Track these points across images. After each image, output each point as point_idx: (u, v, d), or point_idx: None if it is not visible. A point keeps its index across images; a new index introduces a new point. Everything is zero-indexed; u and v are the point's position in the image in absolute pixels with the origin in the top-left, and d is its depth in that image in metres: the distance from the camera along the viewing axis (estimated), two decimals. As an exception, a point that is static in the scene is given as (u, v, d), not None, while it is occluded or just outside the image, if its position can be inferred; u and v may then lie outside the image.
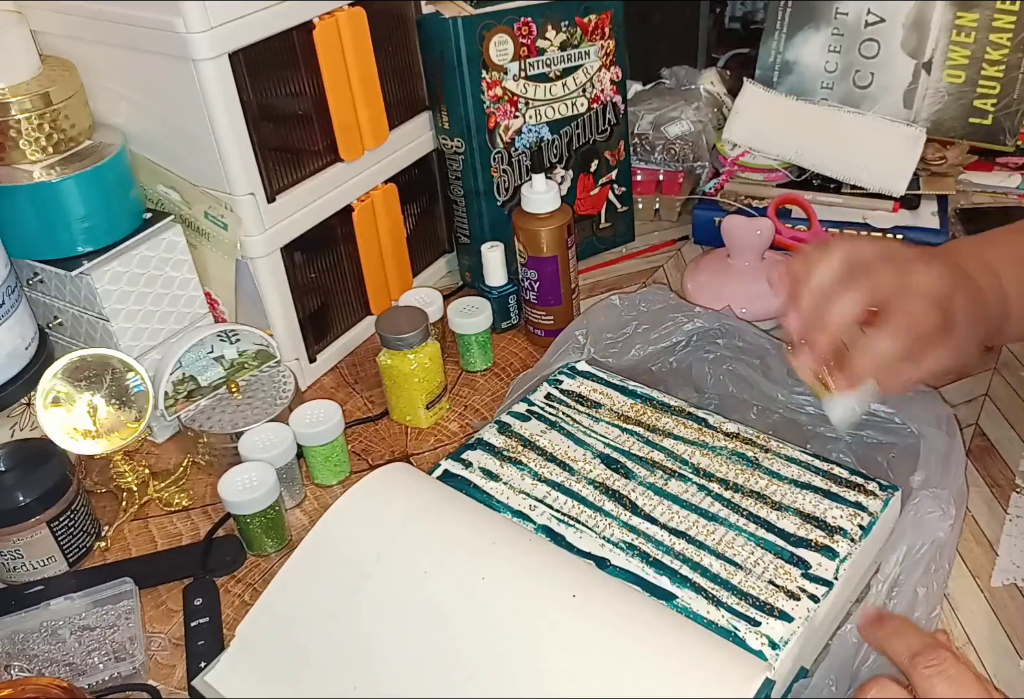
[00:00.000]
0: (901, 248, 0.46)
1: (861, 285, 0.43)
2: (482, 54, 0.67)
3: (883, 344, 0.42)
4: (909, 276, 0.43)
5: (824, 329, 0.43)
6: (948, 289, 0.43)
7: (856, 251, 0.44)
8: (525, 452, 0.53)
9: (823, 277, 0.44)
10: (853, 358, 0.43)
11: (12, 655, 0.48)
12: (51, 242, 0.56)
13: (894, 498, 0.49)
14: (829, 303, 0.43)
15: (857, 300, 0.42)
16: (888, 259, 0.44)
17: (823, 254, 0.45)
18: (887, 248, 0.45)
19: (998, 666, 0.45)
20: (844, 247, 0.45)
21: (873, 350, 0.43)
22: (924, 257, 0.45)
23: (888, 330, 0.42)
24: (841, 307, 0.42)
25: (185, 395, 0.61)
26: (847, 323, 0.43)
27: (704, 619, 0.42)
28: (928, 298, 0.43)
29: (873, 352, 0.43)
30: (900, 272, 0.43)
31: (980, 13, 0.76)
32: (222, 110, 0.55)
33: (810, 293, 0.44)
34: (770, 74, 0.83)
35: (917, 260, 0.44)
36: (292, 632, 0.44)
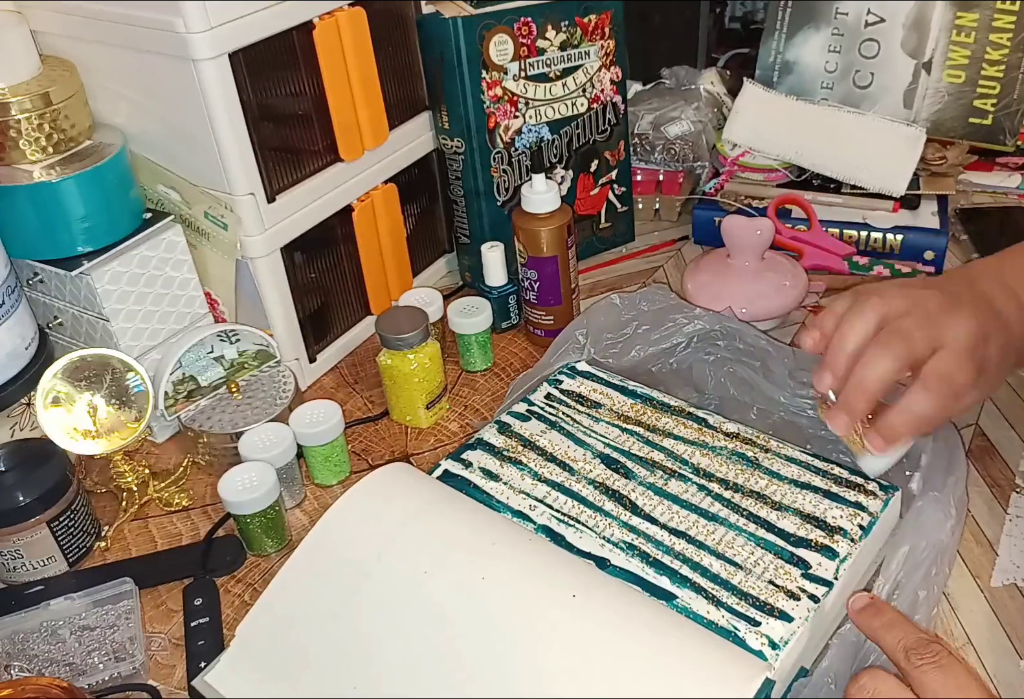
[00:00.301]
0: (930, 296, 0.45)
1: (897, 348, 0.43)
2: (482, 54, 0.67)
3: (921, 406, 0.43)
4: (943, 333, 0.44)
5: (862, 394, 0.44)
6: (980, 338, 0.44)
7: (890, 314, 0.45)
8: (525, 452, 0.53)
9: (858, 339, 0.44)
10: (892, 420, 0.44)
11: (12, 655, 0.48)
12: (51, 242, 0.56)
13: (894, 498, 0.49)
14: (867, 368, 0.43)
15: (894, 365, 0.43)
16: (920, 316, 0.44)
17: (857, 316, 0.45)
18: (915, 299, 0.45)
19: (998, 666, 0.45)
20: (878, 307, 0.45)
21: (912, 412, 0.44)
22: (953, 306, 0.45)
23: (926, 391, 0.43)
24: (879, 372, 0.43)
25: (185, 395, 0.61)
26: (884, 388, 0.43)
27: (704, 619, 0.42)
28: (962, 353, 0.43)
29: (912, 414, 0.44)
30: (934, 331, 0.44)
31: (980, 13, 0.76)
32: (222, 110, 0.55)
33: (846, 356, 0.45)
34: (770, 74, 0.83)
35: (948, 311, 0.44)
36: (292, 632, 0.44)
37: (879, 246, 0.75)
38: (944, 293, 0.46)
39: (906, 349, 0.43)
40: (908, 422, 0.44)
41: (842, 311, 0.46)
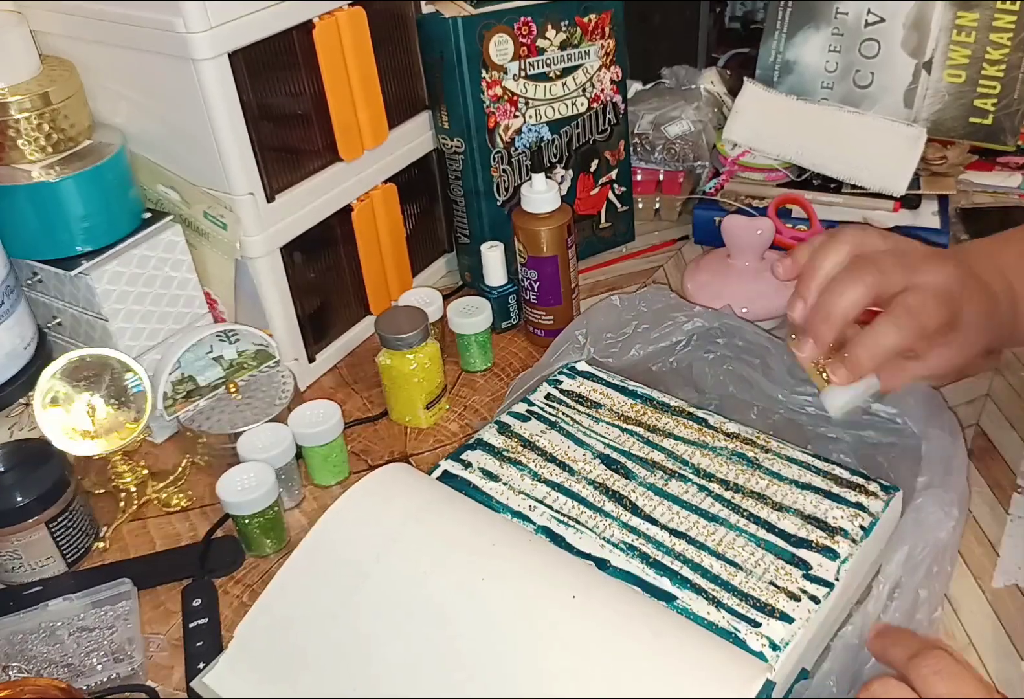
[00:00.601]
0: (911, 244, 0.45)
1: (868, 278, 0.42)
2: (482, 54, 0.67)
3: (885, 336, 0.42)
4: (918, 272, 0.43)
5: (828, 320, 0.43)
6: (957, 288, 0.43)
7: (865, 243, 0.44)
8: (525, 452, 0.53)
9: (830, 268, 0.44)
10: (855, 350, 0.43)
11: (11, 656, 0.48)
12: (50, 242, 0.56)
13: (895, 499, 0.49)
14: (834, 294, 0.42)
15: (863, 293, 0.42)
16: (897, 254, 0.43)
17: (831, 244, 0.44)
18: (897, 243, 0.45)
19: (999, 667, 0.45)
20: (853, 238, 0.44)
21: (875, 342, 0.42)
22: (934, 255, 0.44)
23: (891, 323, 0.42)
24: (847, 299, 0.42)
25: (184, 395, 0.61)
26: (852, 315, 0.42)
27: (704, 620, 0.42)
28: (935, 295, 0.42)
29: (875, 344, 0.42)
30: (908, 268, 0.43)
31: (980, 13, 0.76)
32: (222, 110, 0.55)
33: (816, 283, 0.44)
34: (770, 74, 0.83)
35: (927, 258, 0.44)
36: (291, 633, 0.44)
37: (880, 246, 0.75)
38: (930, 248, 0.45)
39: (877, 278, 0.42)
40: (871, 352, 0.43)
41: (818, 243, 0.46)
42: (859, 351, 0.43)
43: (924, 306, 0.42)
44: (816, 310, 0.43)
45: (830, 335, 0.43)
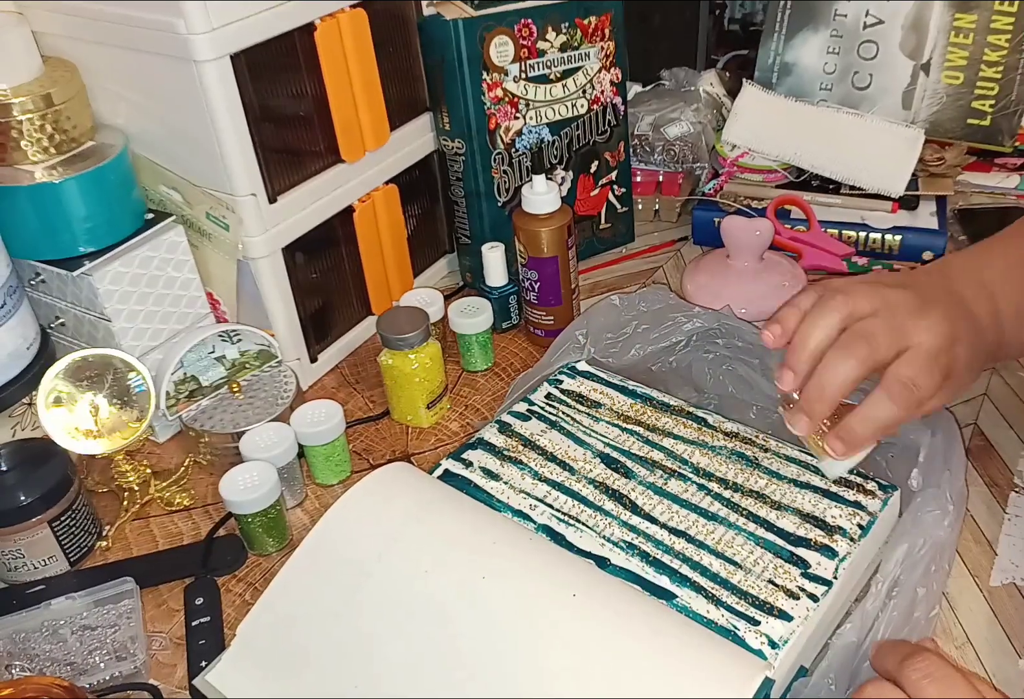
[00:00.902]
0: (899, 298, 0.44)
1: (860, 352, 0.42)
2: (483, 55, 0.67)
3: (883, 412, 0.42)
4: (908, 336, 0.42)
5: (822, 399, 0.43)
6: (948, 342, 0.43)
7: (856, 311, 0.43)
8: (525, 452, 0.53)
9: (820, 338, 0.43)
10: (852, 425, 0.43)
11: (13, 655, 0.48)
12: (53, 242, 0.56)
13: (893, 497, 0.49)
14: (827, 372, 0.42)
15: (856, 369, 0.42)
16: (886, 317, 0.43)
17: (821, 314, 0.44)
18: (884, 301, 0.44)
19: (997, 665, 0.45)
20: (843, 306, 0.43)
21: (871, 418, 0.43)
22: (922, 308, 0.43)
23: (888, 396, 0.42)
24: (840, 377, 0.42)
25: (187, 395, 0.61)
26: (846, 392, 0.42)
27: (704, 618, 0.42)
28: (928, 358, 0.42)
29: (872, 419, 0.43)
30: (899, 333, 0.42)
31: (978, 14, 0.76)
32: (224, 111, 0.56)
33: (807, 356, 0.43)
34: (769, 75, 0.83)
35: (916, 314, 0.43)
36: (293, 631, 0.44)
37: (878, 247, 0.75)
38: (915, 293, 0.44)
39: (869, 352, 0.42)
40: (869, 428, 0.43)
41: (806, 307, 0.45)
42: (856, 427, 0.43)
43: (918, 375, 0.42)
44: (810, 388, 0.43)
45: (826, 413, 0.43)
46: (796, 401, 0.45)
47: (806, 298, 0.46)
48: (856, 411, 0.43)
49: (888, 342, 0.42)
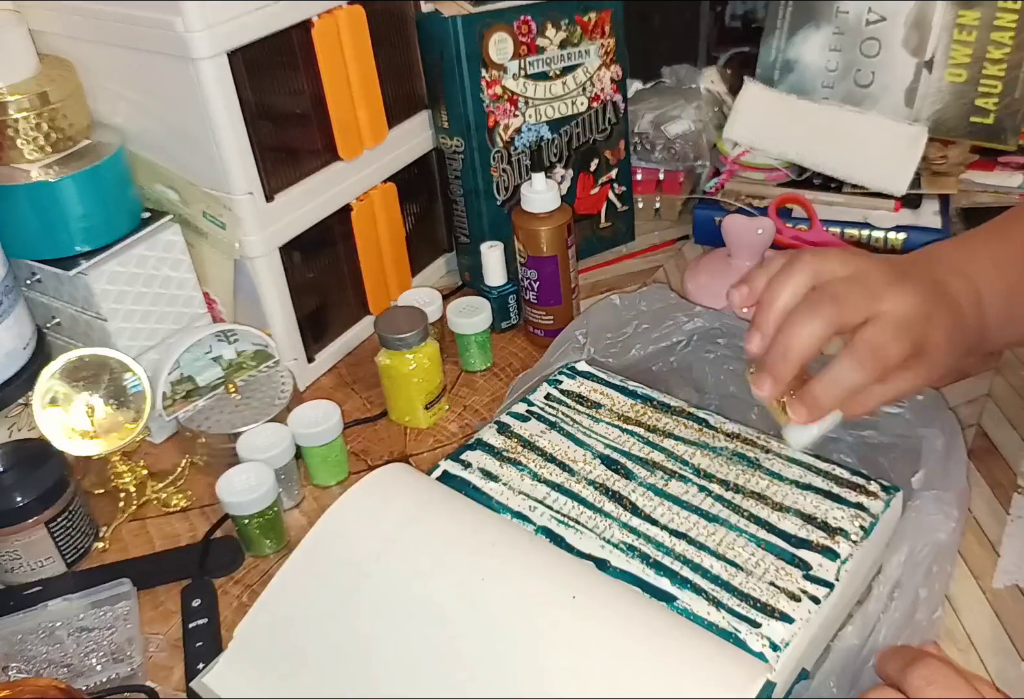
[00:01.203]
0: (873, 267, 0.43)
1: (826, 312, 0.40)
2: (481, 53, 0.67)
3: (846, 375, 0.41)
4: (879, 302, 0.41)
5: (786, 358, 0.41)
6: (921, 314, 0.41)
7: (823, 271, 0.42)
8: (525, 453, 0.53)
9: (787, 298, 0.42)
10: (815, 389, 0.42)
11: (10, 656, 0.48)
12: (49, 242, 0.56)
13: (895, 499, 0.49)
14: (792, 331, 0.41)
15: (822, 328, 0.40)
16: (857, 281, 0.41)
17: (787, 273, 0.42)
18: (858, 267, 0.42)
19: (1000, 667, 0.45)
20: (810, 266, 0.42)
21: (836, 381, 0.41)
22: (897, 279, 0.42)
23: (853, 361, 0.40)
24: (804, 336, 0.40)
25: (183, 395, 0.61)
26: (811, 352, 0.41)
27: (705, 621, 0.42)
28: (898, 326, 0.41)
29: (836, 383, 0.41)
30: (869, 297, 0.41)
31: (982, 11, 0.76)
32: (221, 109, 0.55)
33: (773, 315, 0.42)
34: (771, 73, 0.83)
35: (890, 283, 0.42)
36: (291, 633, 0.44)
37: (880, 245, 0.75)
38: (892, 266, 0.43)
39: (836, 312, 0.40)
40: (833, 391, 0.41)
41: (774, 270, 0.43)
42: (819, 391, 0.42)
43: (886, 340, 0.40)
44: (773, 347, 0.42)
45: (789, 374, 0.42)
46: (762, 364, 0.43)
47: (775, 260, 0.44)
48: (820, 374, 0.42)
49: (857, 304, 0.41)
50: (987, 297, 0.46)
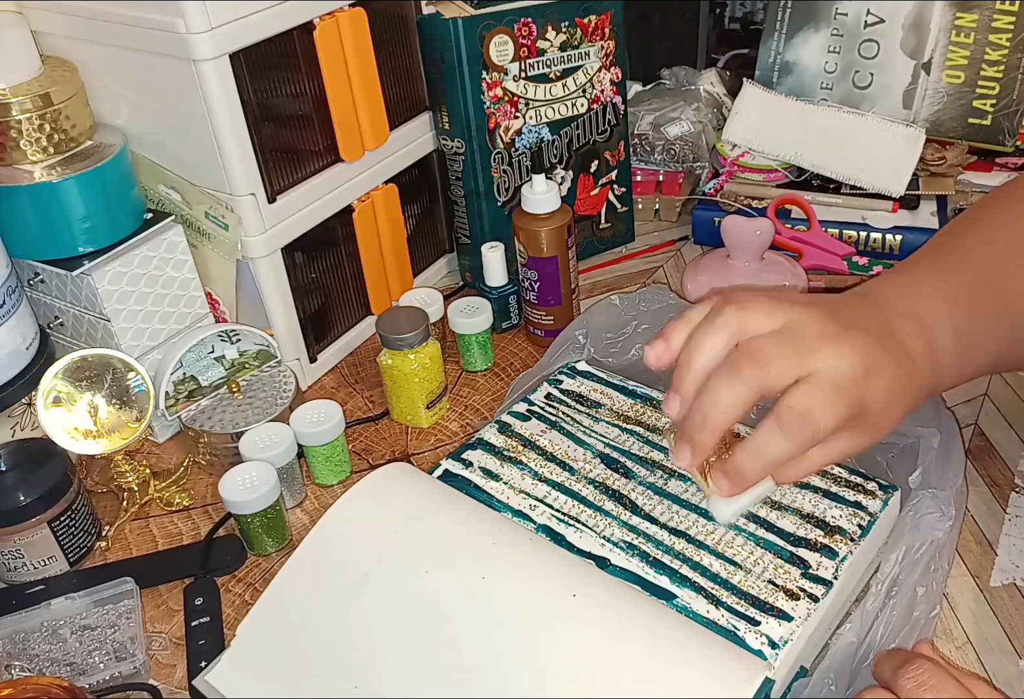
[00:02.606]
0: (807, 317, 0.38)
1: (748, 374, 0.36)
2: (482, 55, 0.67)
3: (773, 447, 0.37)
4: (809, 362, 0.36)
5: (704, 428, 0.37)
6: (859, 373, 0.37)
7: (747, 326, 0.38)
8: (525, 452, 0.53)
9: (707, 358, 0.38)
10: (739, 460, 0.38)
11: (13, 655, 0.48)
12: (52, 242, 0.56)
13: (893, 498, 0.49)
14: (710, 395, 0.37)
15: (743, 394, 0.36)
16: (786, 337, 0.37)
17: (708, 329, 0.38)
18: (789, 319, 0.38)
19: (997, 666, 0.45)
20: (734, 320, 0.38)
21: (761, 454, 0.37)
22: (835, 331, 0.37)
23: (779, 430, 0.36)
24: (724, 403, 0.36)
25: (186, 395, 0.61)
26: (732, 420, 0.37)
27: (704, 618, 0.42)
28: (830, 388, 0.36)
29: (761, 456, 0.37)
30: (798, 356, 0.37)
31: (979, 14, 0.76)
32: (223, 110, 0.55)
33: (692, 377, 0.38)
34: (770, 75, 0.83)
35: (824, 337, 0.37)
36: (293, 631, 0.44)
37: (879, 246, 0.75)
38: (829, 314, 0.38)
39: (758, 374, 0.36)
40: (757, 464, 0.37)
41: (696, 320, 0.39)
42: (743, 463, 0.38)
43: (815, 407, 0.36)
44: (691, 414, 0.38)
45: (709, 443, 0.38)
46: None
47: (697, 310, 0.40)
48: (744, 444, 0.38)
49: (783, 364, 0.36)
50: (939, 338, 0.41)
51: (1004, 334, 0.44)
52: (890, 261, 0.75)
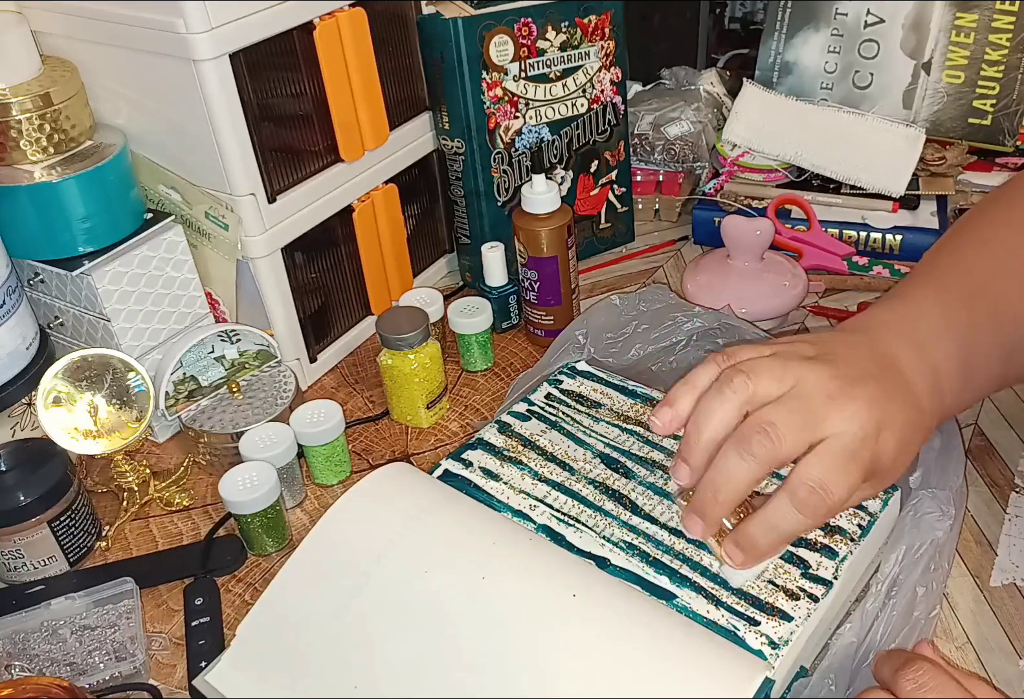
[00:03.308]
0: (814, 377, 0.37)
1: (760, 449, 0.36)
2: (482, 55, 0.67)
3: (787, 521, 0.36)
4: (821, 428, 0.36)
5: (717, 502, 0.37)
6: (871, 432, 0.36)
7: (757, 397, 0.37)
8: (525, 452, 0.53)
9: (715, 430, 0.37)
10: (751, 532, 0.38)
11: (13, 655, 0.48)
12: (52, 242, 0.56)
13: (893, 498, 0.49)
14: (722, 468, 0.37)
15: (755, 468, 0.36)
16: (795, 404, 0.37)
17: (717, 398, 0.38)
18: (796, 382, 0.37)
19: (997, 666, 0.45)
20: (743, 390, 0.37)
21: (775, 527, 0.37)
22: (842, 390, 0.37)
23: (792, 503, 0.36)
24: (736, 478, 0.36)
25: (186, 395, 0.61)
26: (744, 494, 0.37)
27: (704, 618, 0.42)
28: (845, 456, 0.36)
29: (775, 529, 0.37)
30: (809, 424, 0.36)
31: (979, 14, 0.76)
32: (223, 110, 0.56)
33: (701, 447, 0.38)
34: (770, 75, 0.83)
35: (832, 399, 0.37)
36: (293, 631, 0.44)
37: (878, 246, 0.75)
38: (835, 369, 0.38)
39: (770, 448, 0.36)
40: (771, 538, 0.37)
41: (703, 385, 0.39)
42: (757, 535, 0.37)
43: (830, 479, 0.36)
44: (703, 487, 0.37)
45: (721, 515, 0.38)
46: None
47: (703, 373, 0.39)
48: (757, 515, 0.37)
49: (795, 436, 0.36)
50: (943, 367, 0.41)
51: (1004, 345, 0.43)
52: (890, 261, 0.75)
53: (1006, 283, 0.44)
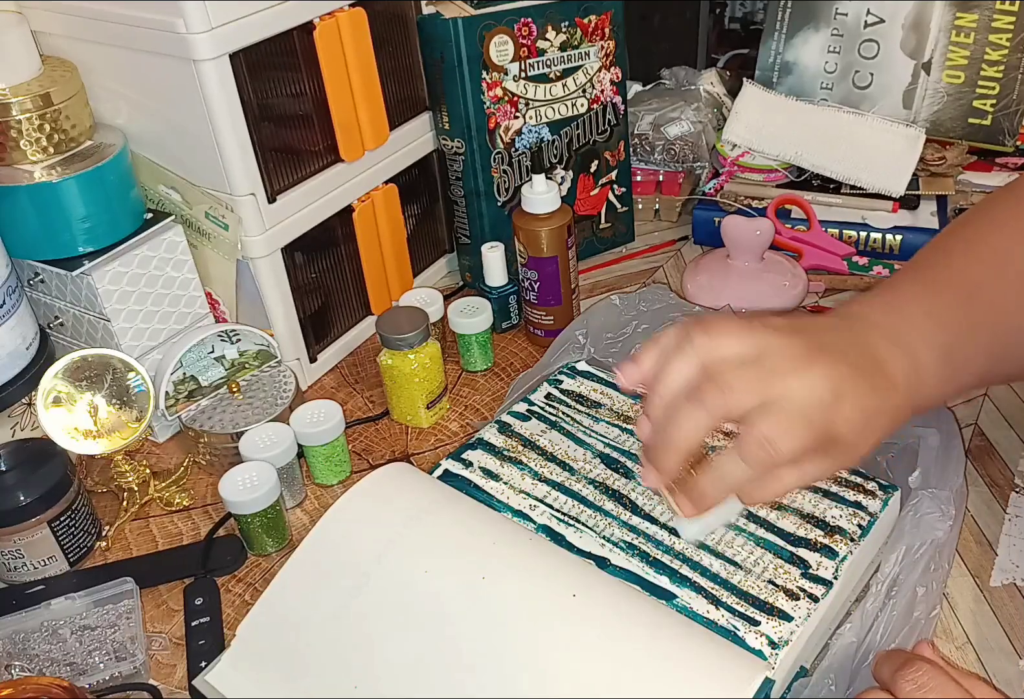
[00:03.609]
0: (779, 343, 0.38)
1: (711, 401, 0.37)
2: (482, 55, 0.67)
3: (733, 472, 0.37)
4: (776, 387, 0.37)
5: (667, 451, 0.38)
6: (828, 399, 0.37)
7: (716, 355, 0.38)
8: (525, 452, 0.53)
9: (677, 383, 0.38)
10: (700, 483, 0.39)
11: (13, 655, 0.48)
12: (52, 242, 0.56)
13: (893, 498, 0.49)
14: (674, 420, 0.38)
15: (704, 420, 0.37)
16: (752, 364, 0.37)
17: (677, 355, 0.39)
18: (759, 345, 0.38)
19: (997, 666, 0.45)
20: (702, 347, 0.38)
21: (722, 477, 0.38)
22: (807, 357, 0.37)
23: (740, 455, 0.37)
24: (686, 429, 0.37)
25: (186, 395, 0.61)
26: (693, 444, 0.38)
27: (704, 618, 0.42)
28: (796, 414, 0.36)
29: (721, 480, 0.38)
30: (762, 382, 0.37)
31: (979, 14, 0.76)
32: (223, 110, 0.56)
33: (662, 402, 0.39)
34: (770, 75, 0.83)
35: (796, 363, 0.37)
36: (293, 631, 0.44)
37: (878, 246, 0.75)
38: (804, 339, 0.38)
39: (721, 402, 0.37)
40: (718, 488, 0.38)
41: (668, 346, 0.40)
42: (704, 486, 0.38)
43: (777, 433, 0.36)
44: (656, 438, 0.39)
45: (672, 466, 0.39)
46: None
47: (669, 335, 0.40)
48: (706, 468, 0.39)
49: (748, 391, 0.37)
50: (925, 362, 0.41)
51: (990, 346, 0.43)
52: (890, 261, 0.75)
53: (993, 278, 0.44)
